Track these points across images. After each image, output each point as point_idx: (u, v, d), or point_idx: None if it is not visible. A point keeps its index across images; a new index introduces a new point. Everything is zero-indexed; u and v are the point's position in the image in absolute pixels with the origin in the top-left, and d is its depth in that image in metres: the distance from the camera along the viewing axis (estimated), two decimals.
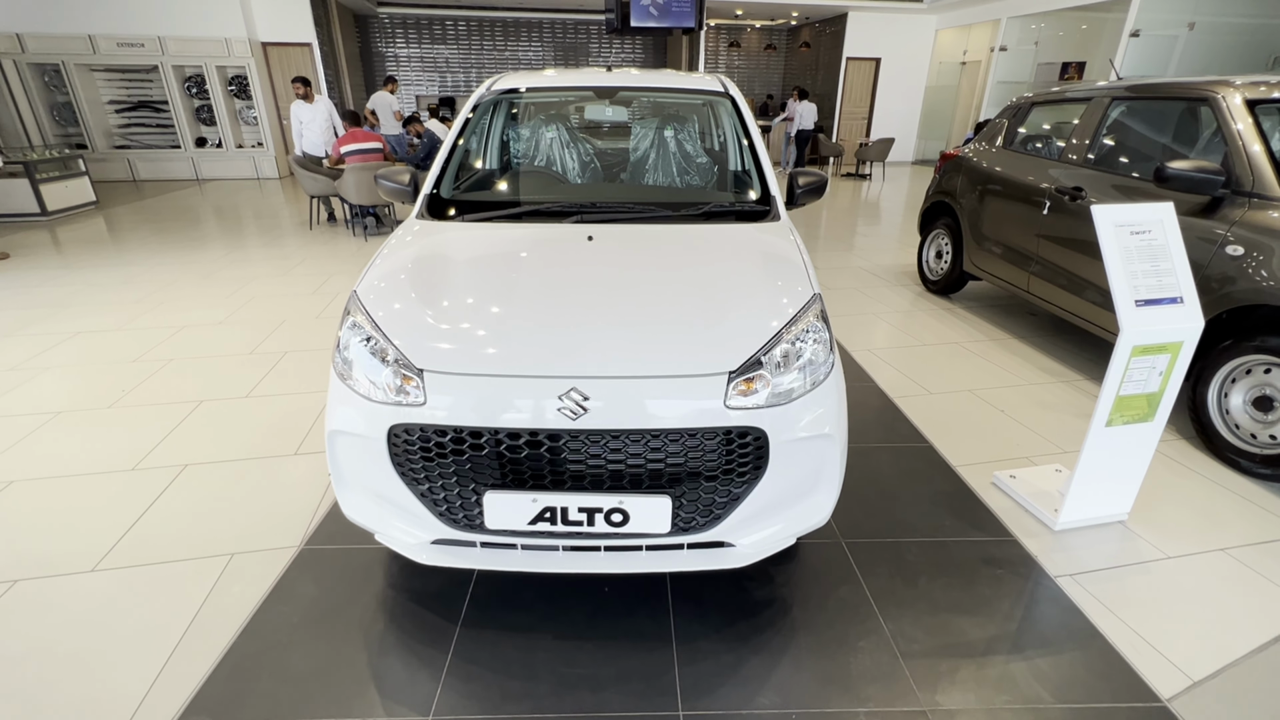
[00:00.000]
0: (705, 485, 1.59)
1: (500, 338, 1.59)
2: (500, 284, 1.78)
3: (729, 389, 1.53)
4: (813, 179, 2.45)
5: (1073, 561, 2.10)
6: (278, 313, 4.46)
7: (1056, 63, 11.92)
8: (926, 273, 5.13)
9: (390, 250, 2.00)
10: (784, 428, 1.57)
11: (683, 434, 1.52)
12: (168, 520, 2.27)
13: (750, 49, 16.01)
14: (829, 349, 1.69)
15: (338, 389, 1.66)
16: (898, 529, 2.25)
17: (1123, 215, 2.00)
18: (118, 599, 1.92)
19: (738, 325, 1.63)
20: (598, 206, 2.23)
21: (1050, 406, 3.17)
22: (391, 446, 1.58)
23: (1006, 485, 2.46)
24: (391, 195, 2.43)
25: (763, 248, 2.01)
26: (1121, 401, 2.04)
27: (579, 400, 1.48)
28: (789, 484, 1.66)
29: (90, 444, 2.77)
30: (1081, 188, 3.48)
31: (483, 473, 1.57)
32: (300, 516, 2.29)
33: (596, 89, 2.73)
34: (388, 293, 1.77)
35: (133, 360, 3.65)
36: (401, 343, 1.58)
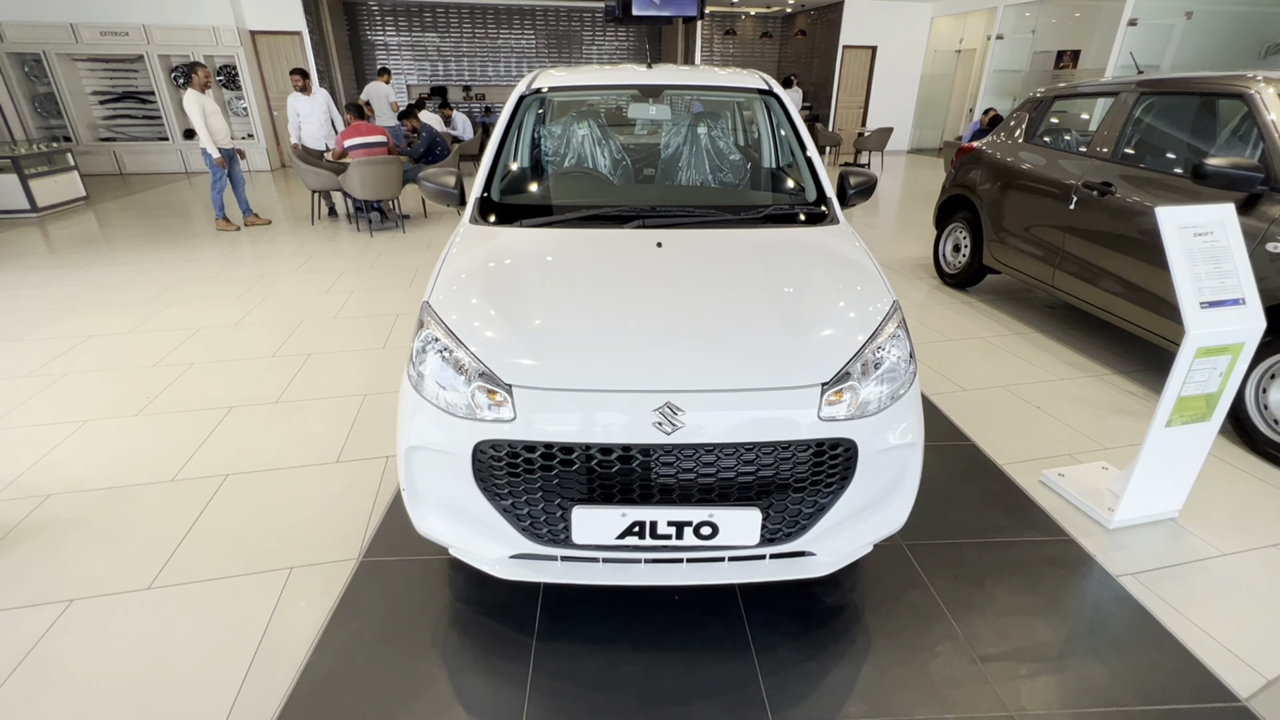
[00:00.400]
0: (793, 496, 1.58)
1: (589, 350, 1.57)
2: (577, 293, 1.75)
3: (821, 401, 1.51)
4: (863, 179, 2.43)
5: (1132, 560, 2.13)
6: (294, 313, 4.38)
7: (1052, 51, 11.95)
8: (943, 266, 5.14)
9: (454, 257, 1.95)
10: (872, 438, 1.57)
11: (775, 446, 1.51)
12: (218, 533, 2.23)
13: (745, 37, 15.89)
14: (910, 357, 1.69)
15: (414, 402, 1.63)
16: (955, 530, 2.26)
17: (1186, 217, 2.00)
18: (180, 617, 1.88)
19: (826, 335, 1.62)
20: (658, 210, 2.20)
21: (1084, 402, 3.20)
22: (476, 462, 1.55)
23: (1055, 484, 2.48)
24: (436, 198, 2.37)
25: (833, 253, 1.99)
26: (1182, 402, 2.06)
27: (672, 414, 1.46)
28: (873, 493, 1.66)
29: (123, 454, 2.70)
30: (1110, 183, 3.49)
31: (570, 487, 1.54)
32: (354, 527, 2.25)
33: (641, 87, 2.68)
34: (462, 303, 1.73)
35: (152, 364, 3.57)
36: (486, 357, 1.55)
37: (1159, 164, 3.45)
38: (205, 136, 6.34)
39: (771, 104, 2.72)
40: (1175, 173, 3.27)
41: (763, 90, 2.71)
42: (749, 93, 2.77)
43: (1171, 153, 3.47)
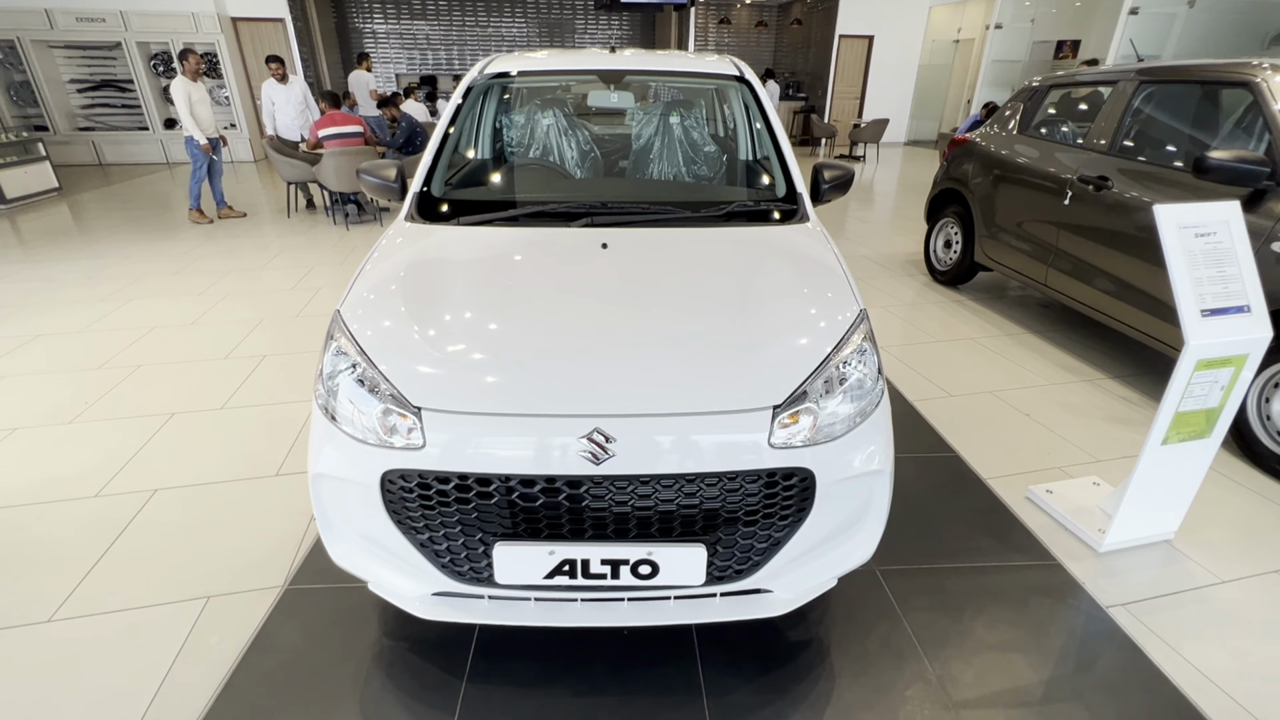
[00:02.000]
0: (743, 531, 1.41)
1: (510, 369, 1.39)
2: (506, 303, 1.57)
3: (773, 425, 1.34)
4: (839, 173, 2.25)
5: (1123, 589, 1.96)
6: (255, 311, 4.19)
7: (1052, 41, 11.72)
8: (934, 262, 4.96)
9: (377, 260, 1.77)
10: (832, 466, 1.39)
11: (721, 477, 1.33)
12: (135, 557, 2.06)
13: (740, 26, 15.60)
14: (878, 373, 1.51)
15: (321, 426, 1.45)
16: (933, 553, 2.10)
17: (1186, 216, 1.82)
18: (79, 654, 1.71)
19: (780, 350, 1.44)
20: (608, 207, 2.01)
21: (1076, 409, 3.03)
22: (386, 493, 1.37)
23: (1043, 501, 2.32)
24: (376, 192, 2.19)
25: (797, 255, 1.81)
26: (1180, 418, 1.89)
27: (603, 442, 1.29)
28: (834, 524, 1.49)
29: (48, 467, 2.52)
30: (1107, 177, 3.30)
31: (492, 522, 1.37)
32: (283, 549, 2.08)
33: (601, 72, 2.48)
34: (376, 313, 1.55)
35: (97, 367, 3.38)
36: (395, 375, 1.37)
37: (1158, 157, 3.27)
38: (190, 124, 6.15)
39: (743, 92, 2.53)
40: (1176, 166, 3.08)
41: (734, 77, 2.52)
42: (719, 79, 2.58)
43: (1172, 145, 3.28)
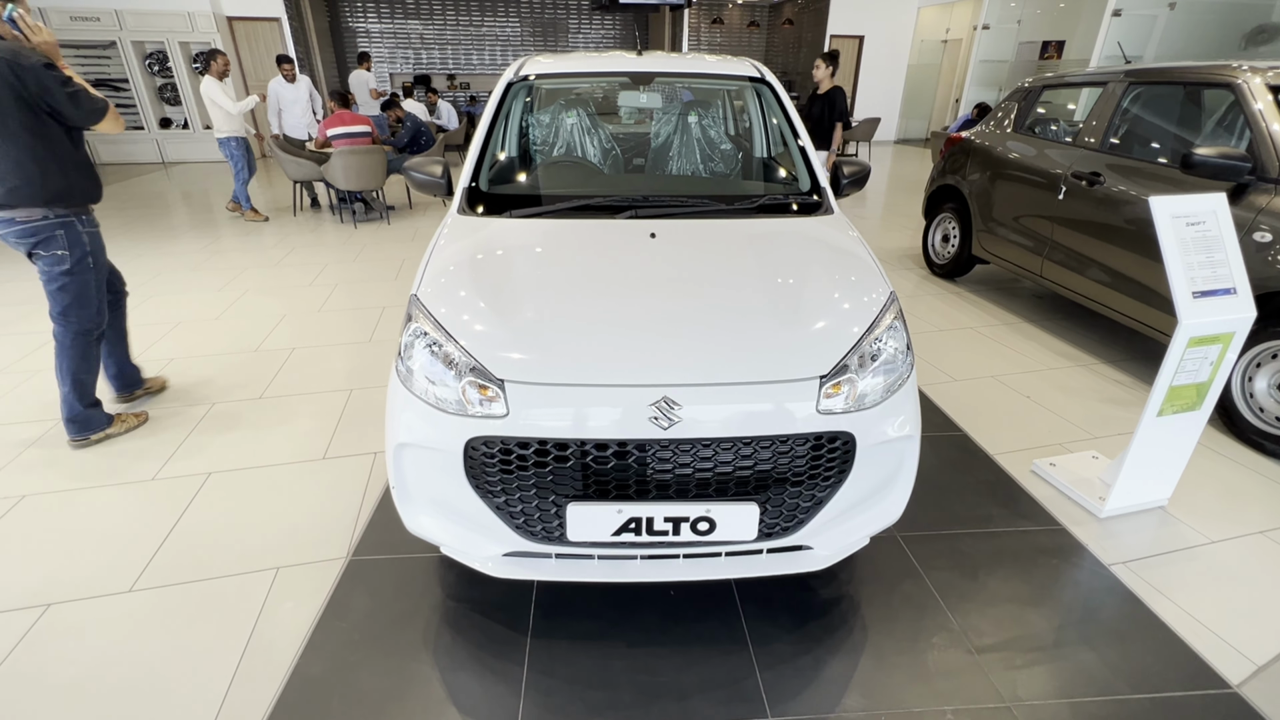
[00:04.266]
0: (791, 490, 1.56)
1: (584, 344, 1.53)
2: (572, 285, 1.71)
3: (820, 393, 1.49)
4: (857, 169, 2.41)
5: (1123, 549, 2.14)
6: (276, 307, 4.29)
7: (1037, 42, 12.00)
8: (932, 256, 5.15)
9: (441, 249, 1.90)
10: (871, 430, 1.55)
11: (773, 440, 1.49)
12: (200, 533, 2.17)
13: (733, 26, 15.79)
14: (907, 348, 1.67)
15: (403, 398, 1.58)
16: (949, 520, 2.26)
17: (1179, 206, 2.00)
18: (163, 620, 1.83)
19: (823, 327, 1.60)
20: (651, 200, 2.16)
21: (1073, 391, 3.22)
22: (468, 459, 1.51)
23: (1047, 473, 2.49)
24: (422, 188, 2.31)
25: (829, 243, 1.97)
26: (1174, 391, 2.07)
27: (669, 409, 1.43)
28: (870, 485, 1.65)
29: (99, 452, 2.63)
30: (1099, 173, 3.50)
31: (565, 484, 1.51)
32: (341, 525, 2.21)
33: (631, 74, 2.63)
34: (452, 295, 1.68)
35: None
36: (478, 351, 1.51)
37: (1147, 154, 3.46)
38: (226, 124, 6.23)
39: (763, 92, 2.68)
40: (1163, 162, 3.28)
41: (754, 78, 2.67)
42: (741, 81, 2.74)
43: (1159, 142, 3.48)
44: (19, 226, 2.34)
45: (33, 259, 2.45)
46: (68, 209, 2.41)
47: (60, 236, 2.41)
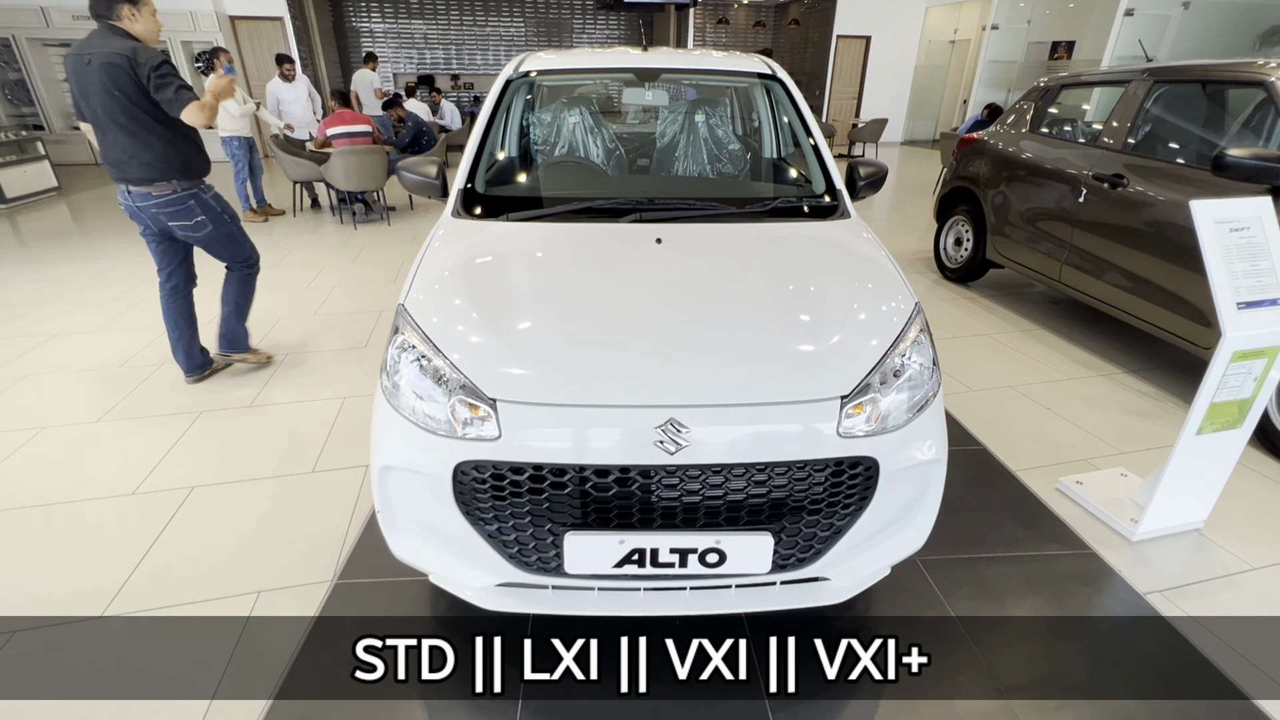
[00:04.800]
0: (808, 519, 1.43)
1: (584, 361, 1.41)
2: (571, 295, 1.59)
3: (841, 415, 1.37)
4: (874, 170, 2.28)
5: (1158, 576, 2.01)
6: (271, 310, 4.18)
7: (1047, 42, 11.84)
8: (945, 260, 5.01)
9: (432, 255, 1.79)
10: (894, 455, 1.42)
11: (790, 466, 1.36)
12: (180, 553, 2.06)
13: (738, 26, 15.67)
14: (933, 364, 1.54)
15: (388, 417, 1.46)
16: (972, 543, 2.13)
17: (1222, 211, 1.87)
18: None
19: (844, 342, 1.47)
20: (656, 203, 2.04)
21: (1095, 403, 3.08)
22: (457, 484, 1.39)
23: (1074, 492, 2.36)
24: (416, 189, 2.20)
25: (848, 249, 1.84)
26: (1215, 409, 1.94)
27: (677, 432, 1.31)
28: (892, 512, 1.52)
29: (82, 464, 2.52)
30: (1122, 174, 3.36)
31: (562, 512, 1.39)
32: (328, 545, 2.09)
33: (636, 70, 2.51)
34: (441, 306, 1.56)
35: (119, 365, 3.37)
36: (468, 367, 1.39)
37: (1173, 155, 3.32)
38: (228, 122, 6.18)
39: (774, 89, 2.56)
40: (1190, 164, 3.14)
41: (765, 75, 2.55)
42: (750, 78, 2.61)
43: (1186, 143, 3.34)
44: (155, 199, 2.76)
45: (177, 230, 2.87)
46: (189, 181, 2.82)
47: (193, 206, 2.83)
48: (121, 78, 2.53)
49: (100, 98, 2.56)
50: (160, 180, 2.73)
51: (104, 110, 2.59)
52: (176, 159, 2.74)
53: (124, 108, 2.58)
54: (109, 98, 2.56)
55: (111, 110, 2.58)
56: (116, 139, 2.64)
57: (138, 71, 2.53)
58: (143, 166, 2.68)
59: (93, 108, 2.62)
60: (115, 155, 2.68)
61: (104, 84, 2.53)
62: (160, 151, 2.69)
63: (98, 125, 2.67)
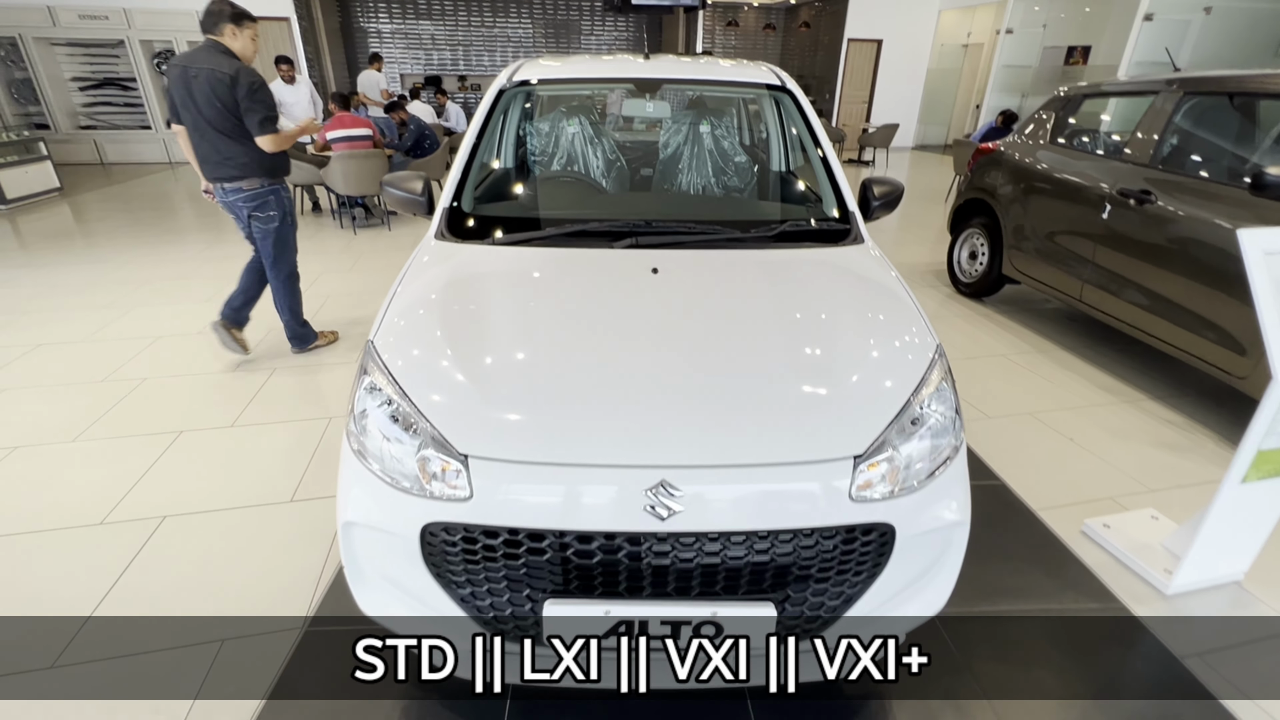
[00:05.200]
0: (815, 588, 1.29)
1: (567, 413, 1.27)
2: (557, 336, 1.45)
3: (854, 476, 1.22)
4: (889, 188, 2.13)
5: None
6: (263, 320, 4.04)
7: (1063, 46, 11.62)
8: (958, 274, 4.84)
9: (409, 284, 1.65)
10: (913, 519, 1.28)
11: (796, 533, 1.21)
12: (142, 592, 1.93)
13: (748, 28, 15.50)
14: (955, 413, 1.39)
15: (353, 470, 1.33)
16: (991, 594, 1.98)
17: (1272, 240, 1.71)
18: (81, 710, 1.58)
19: (859, 392, 1.32)
20: (653, 225, 1.89)
21: (1121, 434, 2.91)
22: (426, 546, 1.25)
23: (1101, 536, 2.20)
24: (401, 206, 2.07)
25: (862, 281, 1.69)
26: (1263, 456, 1.77)
27: (669, 495, 1.17)
28: (908, 577, 1.37)
29: (50, 490, 2.40)
30: (1150, 190, 3.19)
31: (541, 578, 1.25)
32: (302, 583, 1.96)
33: (637, 80, 2.37)
34: (414, 345, 1.43)
35: (101, 380, 3.26)
36: (438, 418, 1.25)
37: (1207, 171, 3.15)
38: None
39: (783, 101, 2.41)
40: (1223, 181, 2.97)
41: (773, 86, 2.40)
42: (758, 88, 2.47)
43: (1221, 159, 3.17)
44: (245, 193, 3.13)
45: (251, 221, 3.20)
46: (274, 180, 3.21)
47: (272, 200, 3.21)
48: (224, 91, 2.89)
49: (204, 106, 2.91)
50: (251, 177, 3.10)
51: (205, 117, 2.94)
52: (266, 161, 3.11)
53: (223, 116, 2.94)
54: (211, 107, 2.91)
55: (212, 117, 2.93)
56: (213, 142, 3.00)
57: (236, 89, 2.90)
58: (236, 166, 3.06)
59: (193, 114, 2.94)
60: (211, 156, 3.04)
61: (207, 95, 2.89)
62: (251, 154, 3.05)
63: (196, 129, 2.99)
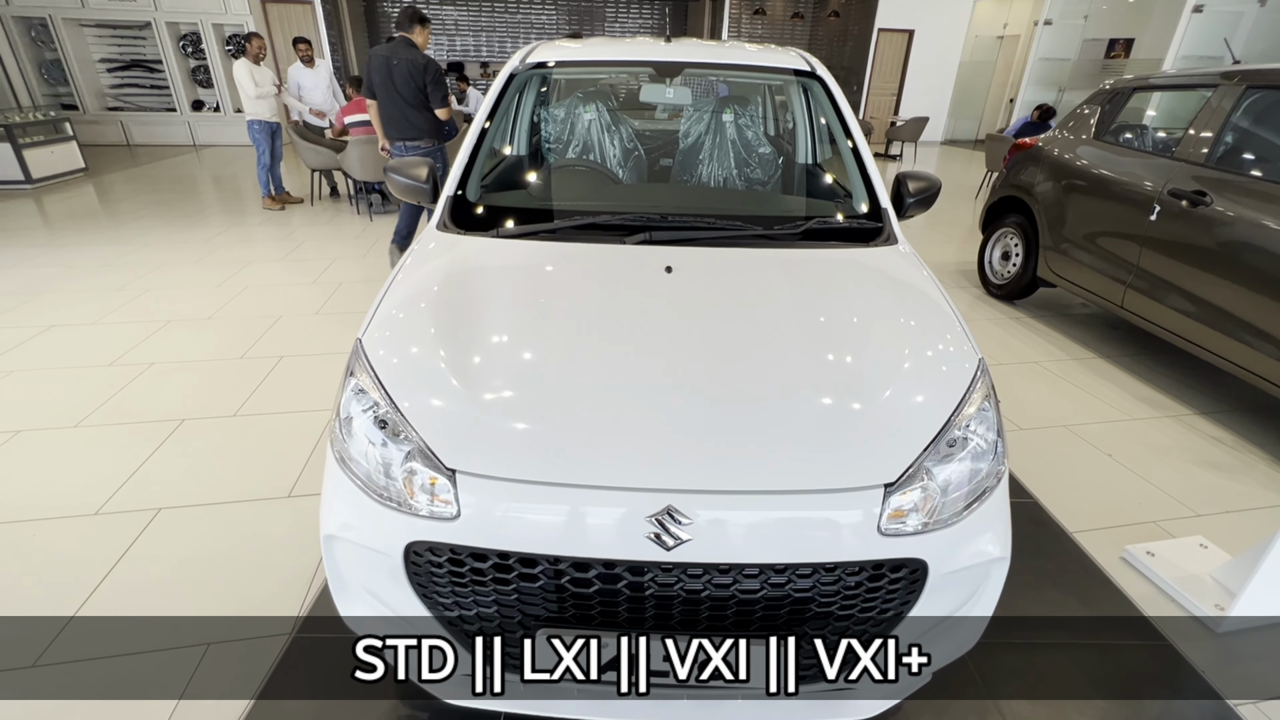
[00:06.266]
0: (834, 627, 1.17)
1: (566, 428, 1.15)
2: (559, 341, 1.33)
3: (884, 507, 1.09)
4: (924, 184, 1.98)
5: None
6: (273, 306, 4.02)
7: (1103, 39, 11.17)
8: (990, 275, 4.64)
9: (404, 278, 1.55)
10: (948, 555, 1.15)
11: (816, 569, 1.09)
12: (130, 591, 1.87)
13: (775, 17, 15.13)
14: (999, 439, 1.26)
15: (336, 479, 1.23)
16: (1023, 625, 1.84)
17: None
18: (63, 709, 1.52)
19: (893, 412, 1.19)
20: (668, 220, 1.76)
21: (1164, 451, 2.73)
22: (410, 565, 1.16)
23: (1143, 564, 2.04)
24: (405, 194, 1.96)
25: (897, 287, 1.55)
26: None
27: (675, 523, 1.05)
28: (939, 614, 1.24)
29: (48, 477, 2.36)
30: (1205, 191, 2.98)
31: (535, 605, 1.15)
32: (293, 585, 1.89)
33: (657, 64, 2.23)
34: (404, 347, 1.33)
35: (109, 363, 3.22)
36: (426, 429, 1.15)
37: (1268, 171, 2.93)
38: (253, 106, 6.13)
39: (813, 89, 2.25)
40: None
41: (802, 72, 2.25)
42: (785, 74, 2.31)
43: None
44: (421, 149, 4.41)
45: None
46: (438, 140, 4.55)
47: (437, 154, 4.54)
48: (418, 75, 4.21)
49: (401, 86, 4.20)
50: (426, 138, 4.42)
51: (401, 94, 4.23)
52: (437, 126, 4.47)
53: (413, 93, 4.24)
54: (407, 87, 4.21)
55: (407, 94, 4.24)
56: (403, 111, 4.30)
57: (426, 75, 4.22)
58: (415, 129, 4.37)
59: (389, 90, 4.23)
60: (400, 121, 4.34)
61: (405, 77, 4.19)
62: (428, 122, 4.40)
63: (391, 101, 4.27)
